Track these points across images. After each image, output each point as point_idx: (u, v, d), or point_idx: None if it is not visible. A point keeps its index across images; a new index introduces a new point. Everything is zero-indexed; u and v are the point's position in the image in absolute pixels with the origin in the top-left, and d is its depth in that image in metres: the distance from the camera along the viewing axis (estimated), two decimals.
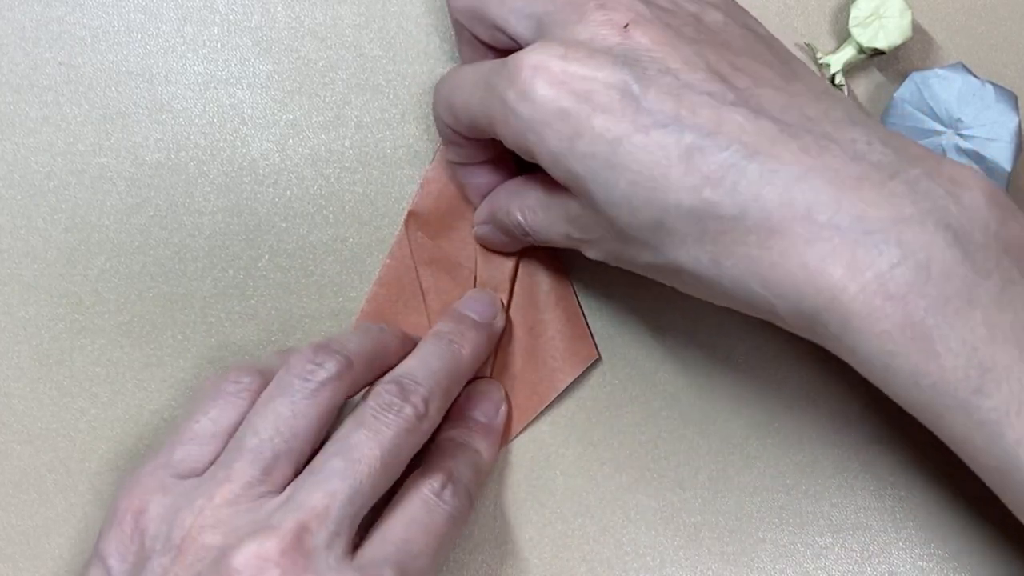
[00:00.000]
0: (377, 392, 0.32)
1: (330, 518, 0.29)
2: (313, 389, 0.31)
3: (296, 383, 0.31)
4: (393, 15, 0.39)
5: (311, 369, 0.31)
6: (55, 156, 0.38)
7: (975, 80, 0.36)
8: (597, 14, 0.29)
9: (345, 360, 0.32)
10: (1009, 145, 0.35)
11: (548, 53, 0.28)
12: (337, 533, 0.29)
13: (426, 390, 0.32)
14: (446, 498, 0.32)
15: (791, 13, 0.39)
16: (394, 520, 0.31)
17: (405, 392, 0.32)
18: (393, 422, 0.31)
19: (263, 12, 0.39)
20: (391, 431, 0.31)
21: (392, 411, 0.31)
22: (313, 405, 0.31)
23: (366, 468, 0.30)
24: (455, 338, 0.34)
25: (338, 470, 0.30)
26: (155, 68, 0.38)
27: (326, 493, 0.29)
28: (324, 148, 0.38)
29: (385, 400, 0.31)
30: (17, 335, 0.37)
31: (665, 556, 0.37)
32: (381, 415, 0.31)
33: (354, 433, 0.31)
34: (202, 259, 0.38)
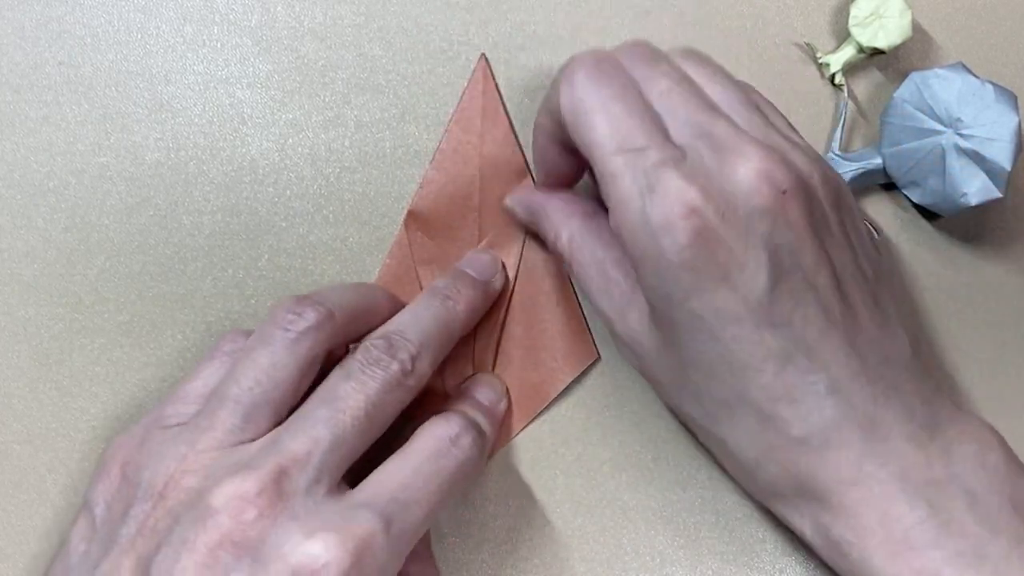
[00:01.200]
0: (365, 347, 0.32)
1: (311, 463, 0.29)
2: (293, 339, 0.31)
3: (277, 333, 0.31)
4: (393, 15, 0.39)
5: (291, 319, 0.31)
6: (55, 156, 0.38)
7: (975, 80, 0.36)
8: (761, 165, 0.29)
9: (326, 311, 0.32)
10: (1009, 145, 0.35)
11: (710, 200, 0.28)
12: (317, 479, 0.29)
13: (415, 346, 0.32)
14: (463, 444, 0.31)
15: (791, 13, 0.40)
16: (397, 462, 0.30)
17: (393, 348, 0.32)
18: (380, 376, 0.31)
19: (263, 12, 0.39)
20: (377, 384, 0.31)
21: (379, 366, 0.31)
22: (292, 354, 0.31)
23: (350, 418, 0.30)
24: (451, 294, 0.34)
25: (322, 418, 0.30)
26: (155, 68, 0.38)
27: (309, 438, 0.29)
28: (324, 148, 0.38)
29: (373, 355, 0.31)
30: (17, 335, 0.37)
31: (665, 556, 0.37)
32: (368, 369, 0.31)
33: (340, 384, 0.31)
34: (202, 259, 0.38)
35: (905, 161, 0.37)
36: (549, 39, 0.39)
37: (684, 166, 0.29)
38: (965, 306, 0.39)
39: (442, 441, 0.31)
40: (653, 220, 0.28)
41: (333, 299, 0.33)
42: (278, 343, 0.31)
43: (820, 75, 0.39)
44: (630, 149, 0.29)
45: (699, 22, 0.39)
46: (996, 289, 0.39)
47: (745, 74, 0.39)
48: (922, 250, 0.39)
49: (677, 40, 0.39)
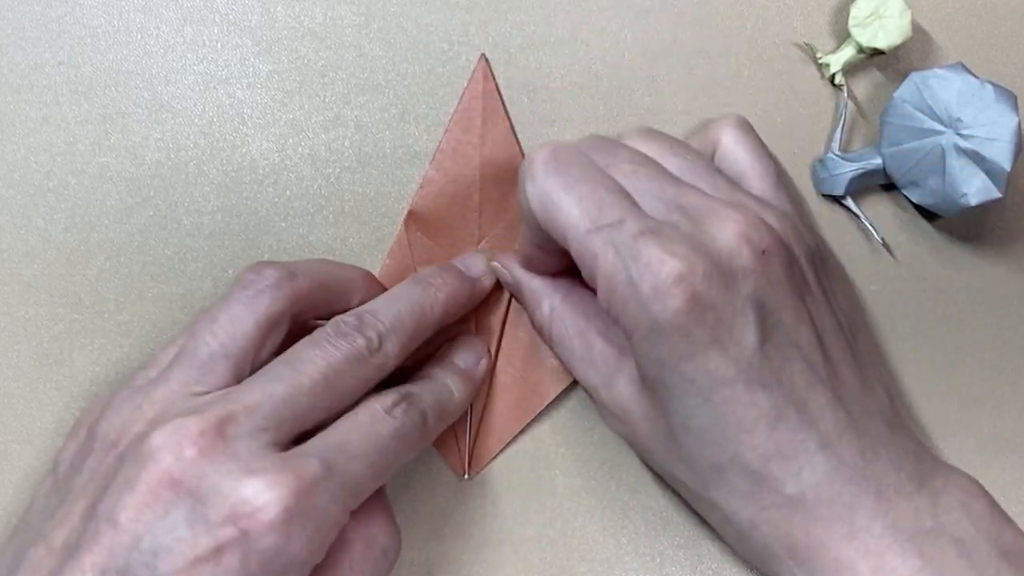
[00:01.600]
0: (335, 321, 0.32)
1: (259, 413, 0.29)
2: (251, 295, 0.32)
3: (236, 292, 0.32)
4: (393, 15, 0.39)
5: (251, 279, 0.32)
6: (55, 156, 0.38)
7: (975, 80, 0.36)
8: (740, 227, 0.29)
9: (286, 272, 0.32)
10: (1009, 145, 0.35)
11: (696, 260, 0.28)
12: (264, 428, 0.29)
13: (385, 327, 0.32)
14: (396, 414, 0.31)
15: (791, 13, 0.40)
16: (336, 426, 0.31)
17: (363, 325, 0.32)
18: (345, 347, 0.31)
19: (263, 12, 0.39)
20: (341, 354, 0.31)
21: (346, 339, 0.31)
22: (251, 311, 0.31)
23: (308, 379, 0.30)
24: (433, 282, 0.35)
25: (279, 375, 0.30)
26: (155, 68, 0.38)
27: (262, 392, 0.29)
28: (324, 148, 0.38)
29: (341, 328, 0.32)
30: (17, 335, 0.37)
31: (665, 556, 0.37)
32: (334, 340, 0.31)
33: (305, 349, 0.31)
34: (202, 259, 0.38)
35: (905, 161, 0.37)
36: (549, 39, 0.39)
37: (664, 234, 0.29)
38: (965, 306, 0.39)
39: (376, 411, 0.31)
40: (643, 289, 0.28)
41: (299, 265, 0.33)
42: (236, 300, 0.32)
43: (820, 75, 0.39)
44: (606, 224, 0.29)
45: (699, 22, 0.39)
46: (996, 289, 0.39)
47: (745, 74, 0.39)
48: (922, 250, 0.39)
49: (677, 40, 0.39)
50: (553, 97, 0.39)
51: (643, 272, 0.28)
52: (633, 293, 0.29)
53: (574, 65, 0.39)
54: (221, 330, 0.31)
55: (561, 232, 0.30)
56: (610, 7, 0.39)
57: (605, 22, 0.39)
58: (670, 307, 0.28)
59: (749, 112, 0.39)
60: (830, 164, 0.38)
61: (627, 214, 0.30)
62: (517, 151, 0.38)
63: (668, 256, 0.28)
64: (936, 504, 0.30)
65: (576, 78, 0.39)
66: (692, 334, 0.28)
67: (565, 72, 0.39)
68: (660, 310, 0.28)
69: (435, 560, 0.37)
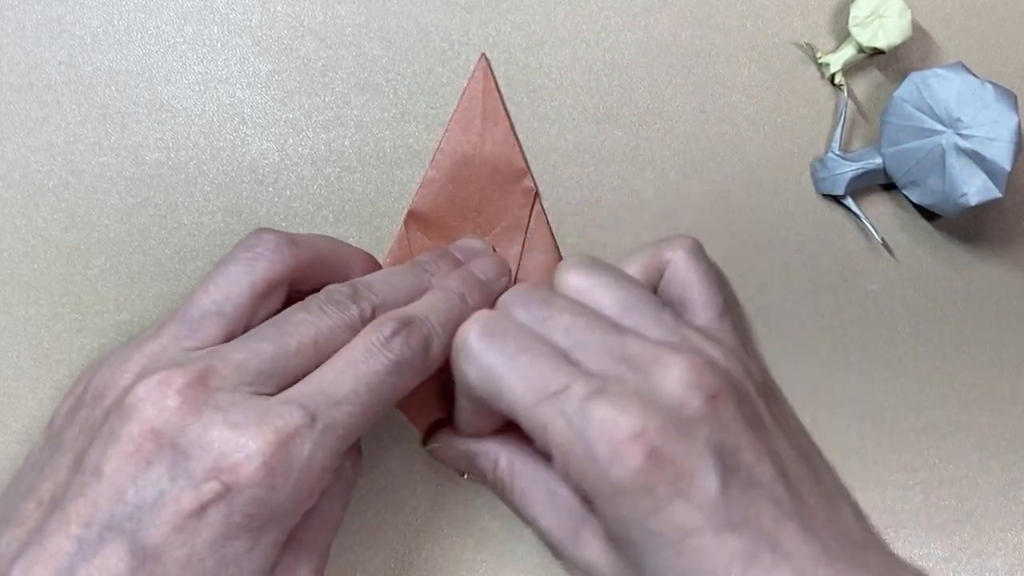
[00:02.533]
0: (330, 289, 0.32)
1: (244, 369, 0.29)
2: (249, 258, 0.31)
3: (236, 253, 0.32)
4: (393, 15, 0.39)
5: (251, 242, 0.32)
6: (55, 156, 0.38)
7: (975, 80, 0.36)
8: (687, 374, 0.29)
9: (288, 240, 0.32)
10: (1009, 145, 0.35)
11: (648, 418, 0.28)
12: (249, 383, 0.29)
13: (379, 299, 0.32)
14: (394, 346, 0.30)
15: (791, 13, 0.40)
16: (327, 365, 0.30)
17: (357, 295, 0.32)
18: (336, 314, 0.31)
19: (263, 12, 0.39)
20: (331, 320, 0.31)
21: (338, 307, 0.31)
22: (246, 272, 0.31)
23: (295, 341, 0.30)
24: (428, 267, 0.35)
25: (268, 335, 0.30)
26: (155, 68, 0.38)
27: (249, 350, 0.29)
28: (324, 148, 0.38)
29: (334, 296, 0.31)
30: (17, 335, 0.37)
31: None
32: (327, 306, 0.31)
33: (296, 313, 0.31)
34: (202, 259, 0.38)
35: (905, 161, 0.37)
36: (549, 39, 0.39)
37: (612, 392, 0.29)
38: (965, 306, 0.39)
39: (371, 344, 0.30)
40: (599, 454, 0.28)
41: (301, 236, 0.33)
42: (233, 261, 0.31)
43: (820, 75, 0.39)
44: (552, 394, 0.29)
45: (699, 22, 0.39)
46: (996, 289, 0.39)
47: (745, 74, 0.39)
48: (922, 250, 0.39)
49: (677, 40, 0.39)
50: (553, 97, 0.39)
51: (597, 435, 0.28)
52: (590, 458, 0.28)
53: (574, 65, 0.39)
54: (215, 289, 0.31)
55: (507, 407, 0.30)
56: (610, 7, 0.39)
57: (605, 22, 0.39)
58: (629, 467, 0.28)
59: (749, 112, 0.39)
60: (830, 164, 0.38)
61: (572, 379, 0.29)
62: (517, 151, 0.38)
63: (620, 415, 0.28)
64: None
65: (576, 78, 0.39)
66: (655, 490, 0.28)
67: (565, 72, 0.39)
68: (620, 472, 0.28)
69: (435, 560, 0.37)
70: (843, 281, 0.39)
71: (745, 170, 0.39)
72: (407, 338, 0.30)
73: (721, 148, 0.39)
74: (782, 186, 0.39)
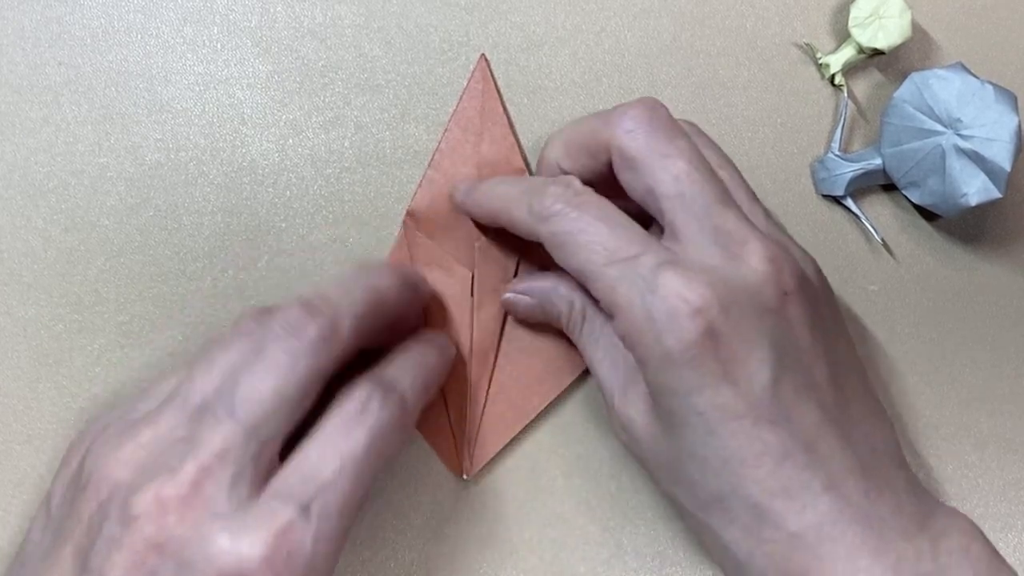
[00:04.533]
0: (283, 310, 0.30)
1: (230, 458, 0.29)
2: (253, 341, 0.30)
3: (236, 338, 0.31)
4: (393, 15, 0.39)
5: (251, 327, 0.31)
6: (55, 156, 0.38)
7: (975, 80, 0.36)
8: (767, 265, 0.29)
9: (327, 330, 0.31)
10: (1009, 145, 0.35)
11: (715, 296, 0.28)
12: (239, 473, 0.29)
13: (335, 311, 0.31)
14: (371, 409, 0.30)
15: (791, 13, 0.40)
16: (310, 442, 0.30)
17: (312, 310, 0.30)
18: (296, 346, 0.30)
19: (263, 12, 0.39)
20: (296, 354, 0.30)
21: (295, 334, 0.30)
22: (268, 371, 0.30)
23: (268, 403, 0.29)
24: None
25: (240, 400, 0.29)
26: (155, 68, 0.38)
27: (232, 429, 0.29)
28: (324, 148, 0.38)
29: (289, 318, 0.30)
30: (17, 335, 0.37)
31: (665, 556, 0.37)
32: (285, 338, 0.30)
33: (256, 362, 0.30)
34: (202, 259, 0.38)
35: (905, 161, 0.37)
36: (549, 39, 0.39)
37: (684, 265, 0.29)
38: (965, 306, 0.39)
39: (349, 413, 0.30)
40: (658, 320, 0.28)
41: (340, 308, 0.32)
42: (234, 347, 0.31)
43: (820, 75, 0.39)
44: (624, 259, 0.29)
45: (699, 22, 0.39)
46: (996, 289, 0.39)
47: (745, 74, 0.39)
48: (922, 250, 0.39)
49: (677, 40, 0.39)
50: (553, 97, 0.39)
51: (660, 303, 0.29)
52: (648, 324, 0.29)
53: (574, 65, 0.39)
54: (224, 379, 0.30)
55: (577, 266, 0.30)
56: (610, 7, 0.39)
57: (605, 22, 0.39)
58: (684, 339, 0.28)
59: (749, 112, 0.39)
60: (830, 164, 0.38)
61: (646, 247, 0.30)
62: (517, 151, 0.38)
63: (686, 287, 0.28)
64: (936, 547, 0.30)
65: (576, 78, 0.39)
66: (703, 367, 0.28)
67: (565, 72, 0.39)
68: (673, 342, 0.28)
69: (435, 560, 0.37)
70: (843, 281, 0.39)
71: (745, 170, 0.39)
72: (384, 401, 0.30)
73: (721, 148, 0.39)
74: (782, 186, 0.39)
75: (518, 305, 0.36)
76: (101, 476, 0.29)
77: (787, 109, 0.39)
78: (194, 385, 0.30)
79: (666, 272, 0.29)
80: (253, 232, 0.38)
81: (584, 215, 0.31)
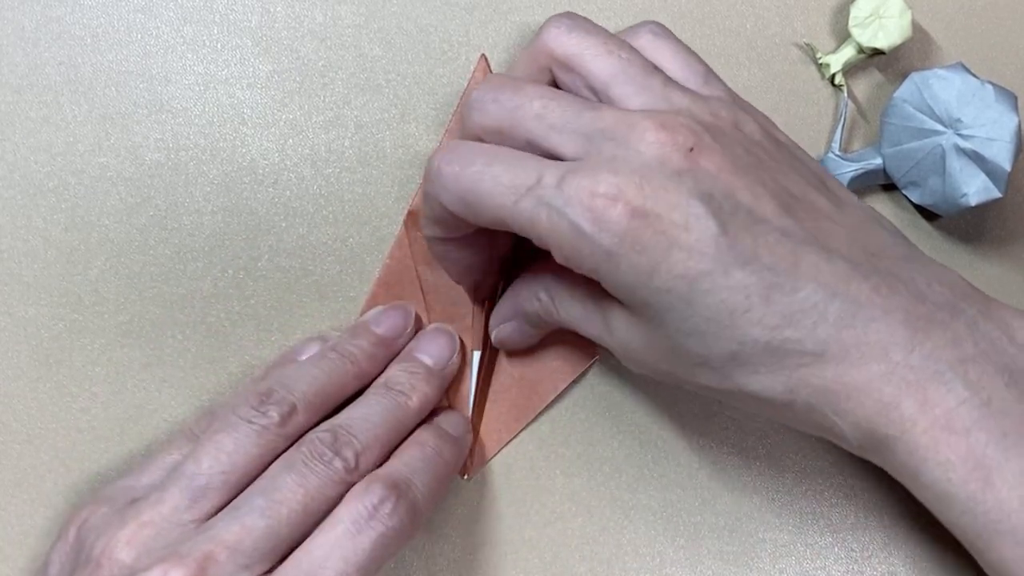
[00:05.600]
0: (311, 439, 0.32)
1: (240, 551, 0.29)
2: (256, 431, 0.31)
3: (240, 425, 0.31)
4: (393, 15, 0.39)
5: (254, 414, 0.32)
6: (55, 156, 0.38)
7: (975, 80, 0.36)
8: (660, 134, 0.29)
9: (287, 408, 0.32)
10: (1009, 145, 0.35)
11: (623, 179, 0.28)
12: (247, 567, 0.29)
13: (360, 444, 0.32)
14: (382, 515, 0.30)
15: (791, 13, 0.40)
16: (316, 540, 0.30)
17: (337, 443, 0.31)
18: (322, 471, 0.31)
19: (263, 12, 0.39)
20: (318, 480, 0.31)
21: (322, 461, 0.31)
22: (254, 444, 0.31)
23: (286, 510, 0.30)
24: (405, 390, 0.34)
25: (258, 507, 0.30)
26: (155, 68, 0.38)
27: (242, 527, 0.29)
28: (324, 148, 0.38)
29: (317, 449, 0.31)
30: (17, 335, 0.37)
31: (665, 556, 0.37)
32: (311, 463, 0.31)
33: (281, 475, 0.31)
34: (202, 259, 0.38)
35: (905, 161, 0.37)
36: None
37: (583, 167, 0.29)
38: None
39: (360, 515, 0.30)
40: (584, 227, 0.28)
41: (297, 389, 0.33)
42: (241, 431, 0.31)
43: (820, 75, 0.39)
44: (528, 188, 0.29)
45: (699, 22, 0.39)
46: (996, 289, 0.39)
47: (745, 74, 0.39)
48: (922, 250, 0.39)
49: None
50: None
51: (577, 210, 0.28)
52: (578, 235, 0.28)
53: None
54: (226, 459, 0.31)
55: (492, 217, 0.30)
56: (610, 7, 0.39)
57: (604, 22, 0.39)
58: (615, 230, 0.28)
59: None
60: (830, 164, 0.38)
61: (543, 168, 0.29)
62: None
63: (594, 184, 0.28)
64: (974, 331, 0.29)
65: None
66: (648, 246, 0.28)
67: None
68: (607, 237, 0.28)
69: (435, 560, 0.37)
70: None
71: None
72: (395, 507, 0.31)
73: None
74: None
75: (506, 333, 0.36)
76: (105, 553, 0.30)
77: (787, 109, 0.39)
78: (201, 467, 0.31)
79: (570, 180, 0.28)
80: (253, 232, 0.38)
81: (474, 163, 0.30)
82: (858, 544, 0.38)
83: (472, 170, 0.30)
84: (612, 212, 0.28)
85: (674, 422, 0.38)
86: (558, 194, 0.28)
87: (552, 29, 0.32)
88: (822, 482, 0.38)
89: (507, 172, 0.30)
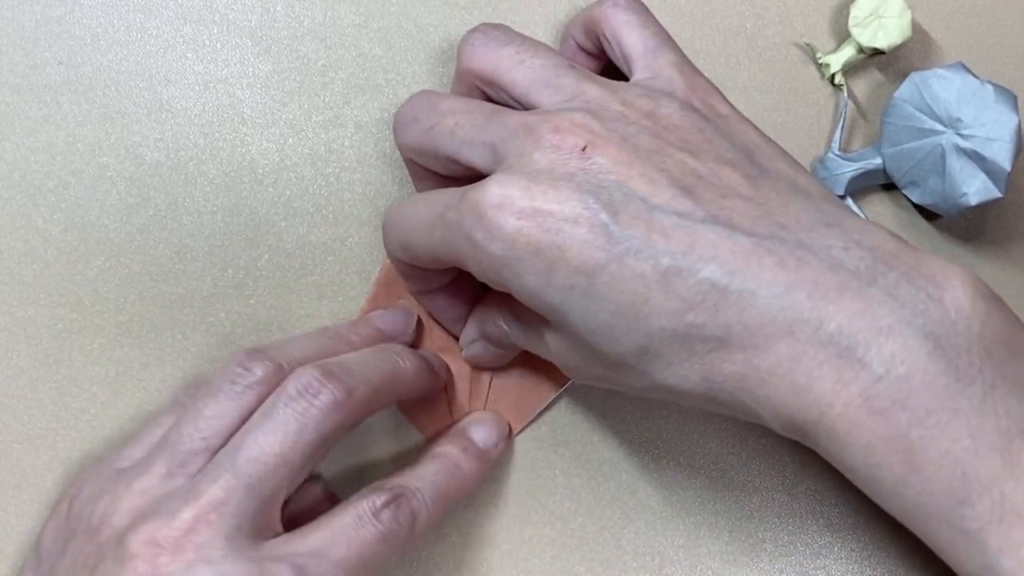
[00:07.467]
0: (298, 373, 0.31)
1: (228, 509, 0.29)
2: (238, 391, 0.31)
3: (224, 386, 0.31)
4: (393, 15, 0.39)
5: (239, 372, 0.32)
6: (55, 156, 0.38)
7: (975, 80, 0.36)
8: (552, 138, 0.29)
9: (274, 365, 0.32)
10: (1009, 145, 0.35)
11: (510, 187, 0.28)
12: (237, 527, 0.29)
13: (352, 379, 0.31)
14: (383, 518, 0.31)
15: (791, 13, 0.40)
16: (320, 523, 0.30)
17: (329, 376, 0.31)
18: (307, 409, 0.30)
19: (263, 12, 0.39)
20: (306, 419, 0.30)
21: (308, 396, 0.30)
22: (236, 406, 0.31)
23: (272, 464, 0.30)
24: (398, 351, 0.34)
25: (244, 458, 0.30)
26: (155, 68, 0.38)
27: (224, 487, 0.29)
28: (324, 148, 0.38)
29: (304, 381, 0.31)
30: (17, 335, 0.37)
31: (665, 556, 0.37)
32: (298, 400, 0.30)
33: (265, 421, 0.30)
34: (202, 259, 0.38)
35: (905, 161, 0.37)
36: (549, 39, 0.39)
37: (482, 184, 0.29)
38: None
39: (364, 513, 0.31)
40: (478, 239, 0.28)
41: (285, 352, 0.33)
42: (222, 395, 0.31)
43: (820, 75, 0.39)
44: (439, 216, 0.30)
45: (699, 22, 0.39)
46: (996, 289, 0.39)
47: (745, 74, 0.39)
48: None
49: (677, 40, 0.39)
50: None
51: (469, 224, 0.28)
52: (475, 248, 0.28)
53: None
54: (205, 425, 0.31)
55: (425, 255, 0.31)
56: None
57: None
58: (504, 235, 0.28)
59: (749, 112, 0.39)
60: (830, 164, 0.38)
61: (450, 194, 0.30)
62: None
63: (482, 196, 0.28)
64: (894, 296, 0.27)
65: None
66: (540, 246, 0.28)
67: None
68: (498, 243, 0.28)
69: (435, 560, 0.37)
70: None
71: None
72: (396, 511, 0.31)
73: None
74: None
75: (474, 353, 0.36)
76: (96, 517, 0.30)
77: (787, 109, 0.39)
78: (184, 431, 0.31)
79: (467, 198, 0.28)
80: (253, 232, 0.38)
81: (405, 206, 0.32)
82: (858, 544, 0.38)
83: (402, 213, 0.31)
84: (498, 217, 0.28)
85: (674, 422, 0.38)
86: (456, 214, 0.29)
87: (466, 48, 0.33)
88: (823, 482, 0.38)
89: (426, 207, 0.30)
